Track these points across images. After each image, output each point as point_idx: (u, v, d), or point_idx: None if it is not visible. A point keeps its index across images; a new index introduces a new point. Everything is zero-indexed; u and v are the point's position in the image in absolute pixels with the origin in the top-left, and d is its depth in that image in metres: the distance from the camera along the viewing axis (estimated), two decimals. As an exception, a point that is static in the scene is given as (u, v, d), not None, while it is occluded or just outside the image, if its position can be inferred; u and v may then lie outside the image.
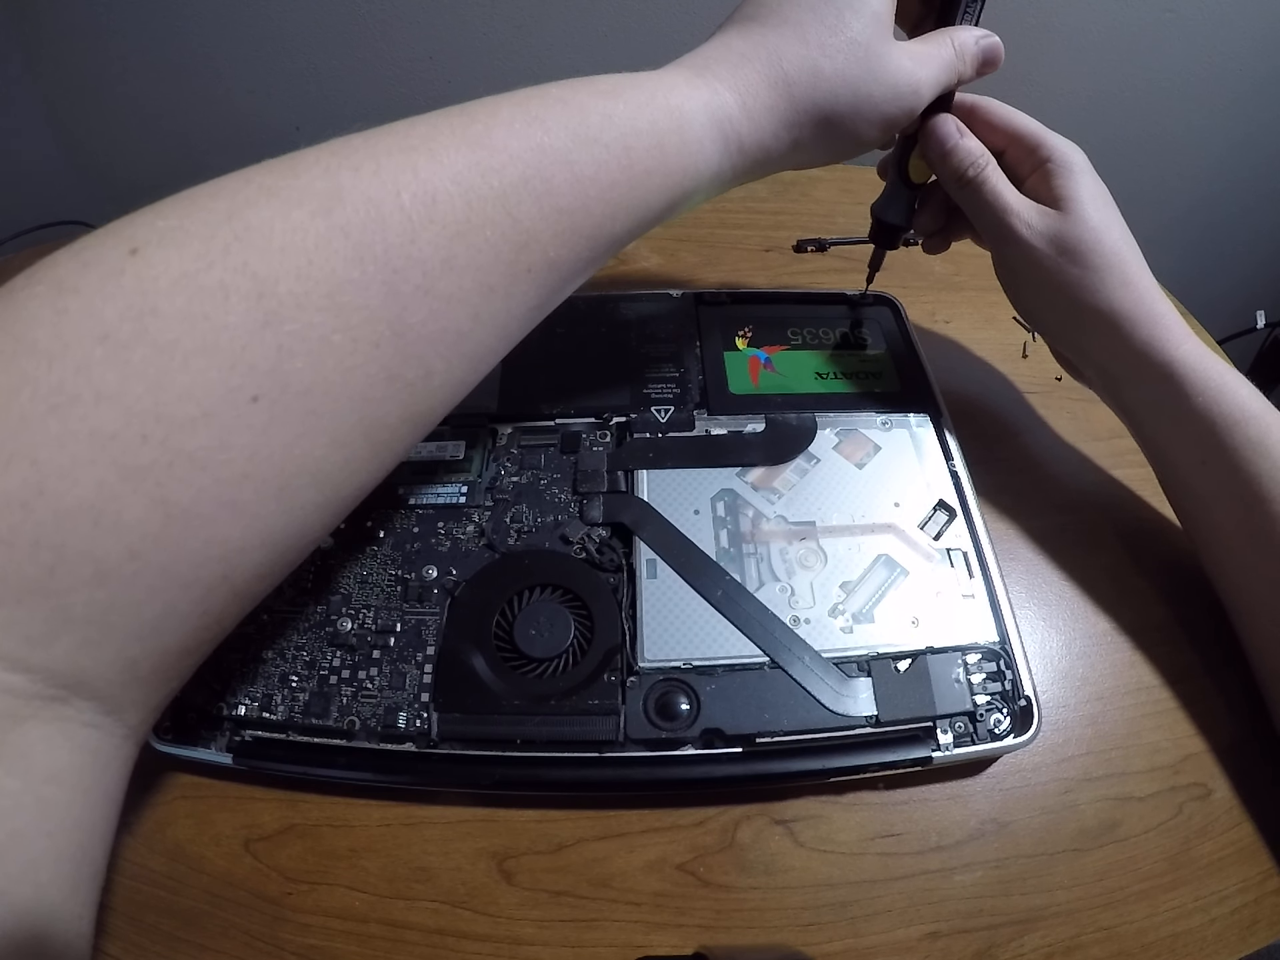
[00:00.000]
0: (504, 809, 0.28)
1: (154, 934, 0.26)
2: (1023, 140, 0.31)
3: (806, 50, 0.25)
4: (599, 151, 0.22)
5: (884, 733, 0.27)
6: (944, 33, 0.29)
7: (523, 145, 0.21)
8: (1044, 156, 0.31)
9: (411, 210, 0.19)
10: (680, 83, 0.24)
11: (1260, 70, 0.69)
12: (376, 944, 0.26)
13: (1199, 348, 0.29)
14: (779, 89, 0.25)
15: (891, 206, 0.34)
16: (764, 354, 0.38)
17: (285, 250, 0.17)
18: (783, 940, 0.26)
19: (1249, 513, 0.28)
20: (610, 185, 0.22)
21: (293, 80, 0.61)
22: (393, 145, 0.19)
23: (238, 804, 0.28)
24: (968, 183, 0.31)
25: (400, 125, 0.20)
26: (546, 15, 0.57)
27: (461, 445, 0.34)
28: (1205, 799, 0.29)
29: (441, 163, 0.19)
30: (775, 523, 0.32)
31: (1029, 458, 0.38)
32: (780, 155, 0.27)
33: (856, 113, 0.26)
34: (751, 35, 0.26)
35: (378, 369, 0.19)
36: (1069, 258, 0.29)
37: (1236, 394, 0.28)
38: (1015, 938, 0.26)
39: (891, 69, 0.26)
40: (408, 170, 0.19)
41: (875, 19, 0.26)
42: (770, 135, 0.26)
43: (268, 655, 0.29)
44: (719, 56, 0.25)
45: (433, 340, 0.20)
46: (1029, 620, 0.32)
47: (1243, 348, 0.89)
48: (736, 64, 0.25)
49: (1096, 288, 0.30)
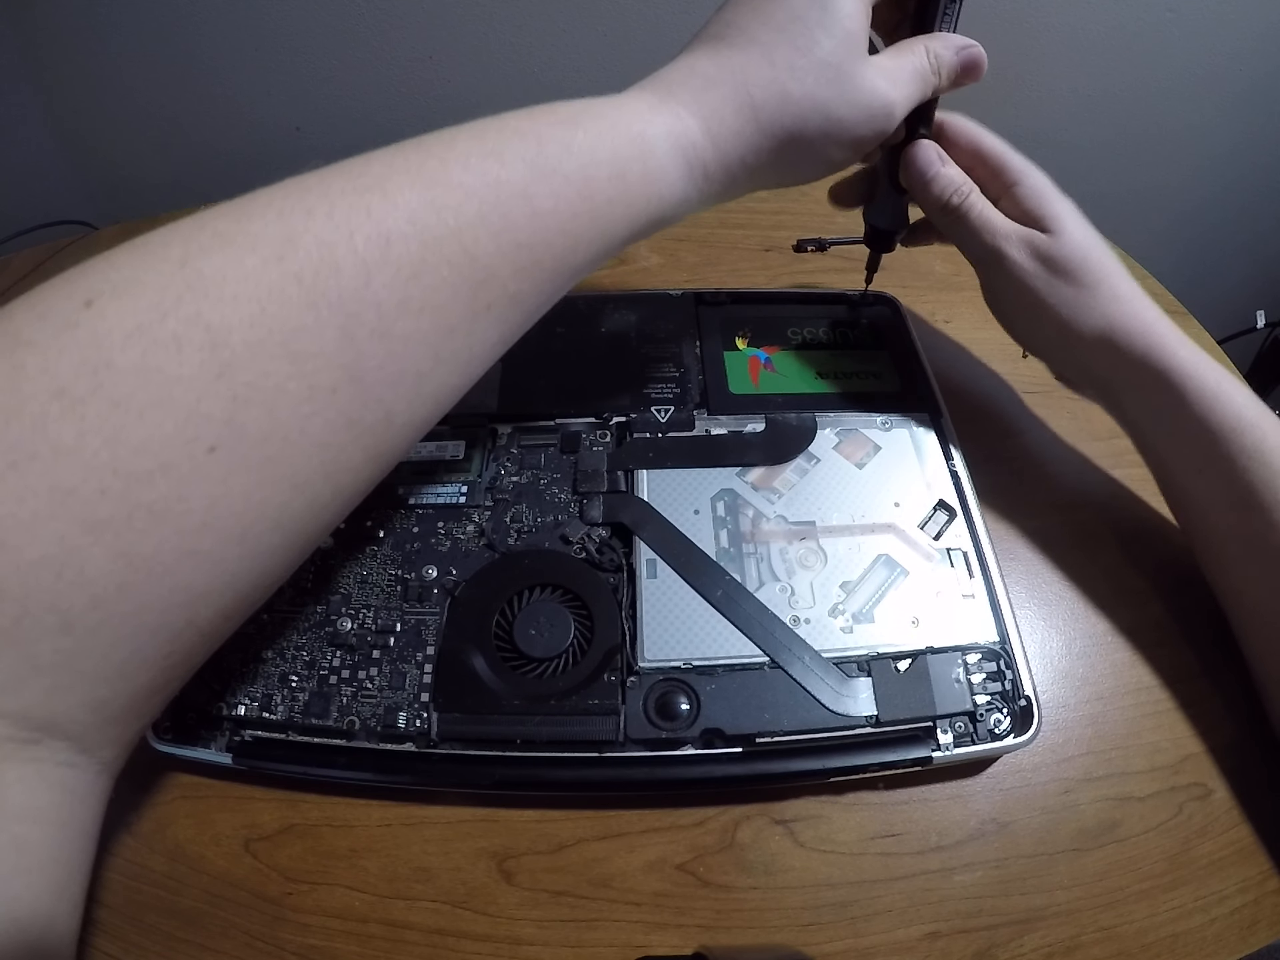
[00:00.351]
0: (504, 809, 0.28)
1: (154, 934, 0.26)
2: (988, 162, 0.31)
3: (774, 73, 0.24)
4: (558, 183, 0.21)
5: (884, 733, 0.27)
6: (918, 42, 0.27)
7: (478, 181, 0.20)
8: (1011, 180, 0.31)
9: (365, 253, 0.18)
10: (643, 109, 0.24)
11: (1260, 70, 0.69)
12: (376, 944, 0.26)
13: (1195, 353, 0.29)
14: (745, 114, 0.24)
15: (883, 212, 0.34)
16: (764, 354, 0.38)
17: (238, 299, 0.17)
18: (783, 940, 0.26)
19: (1245, 520, 0.28)
20: (571, 217, 0.22)
21: (293, 80, 0.61)
22: (346, 186, 0.19)
23: (238, 804, 0.28)
24: (951, 210, 0.31)
25: (356, 163, 0.20)
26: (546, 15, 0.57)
27: (461, 445, 0.34)
28: (1205, 799, 0.29)
29: (395, 203, 0.19)
30: (775, 523, 0.32)
31: (1029, 458, 0.38)
32: (746, 179, 0.26)
33: (826, 136, 0.25)
34: (718, 56, 0.25)
35: (336, 414, 0.19)
36: (1062, 277, 0.30)
37: (1233, 400, 0.28)
38: (1015, 938, 0.26)
39: (865, 90, 0.25)
40: (361, 211, 0.19)
41: (847, 37, 0.25)
42: (736, 161, 0.25)
43: (268, 655, 0.29)
44: (682, 80, 0.25)
45: (392, 383, 0.20)
46: (1029, 620, 0.32)
47: (1243, 348, 0.89)
48: (701, 88, 0.24)
49: (1090, 304, 0.30)
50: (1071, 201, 0.31)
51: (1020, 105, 0.68)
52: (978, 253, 0.31)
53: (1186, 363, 0.29)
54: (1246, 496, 0.28)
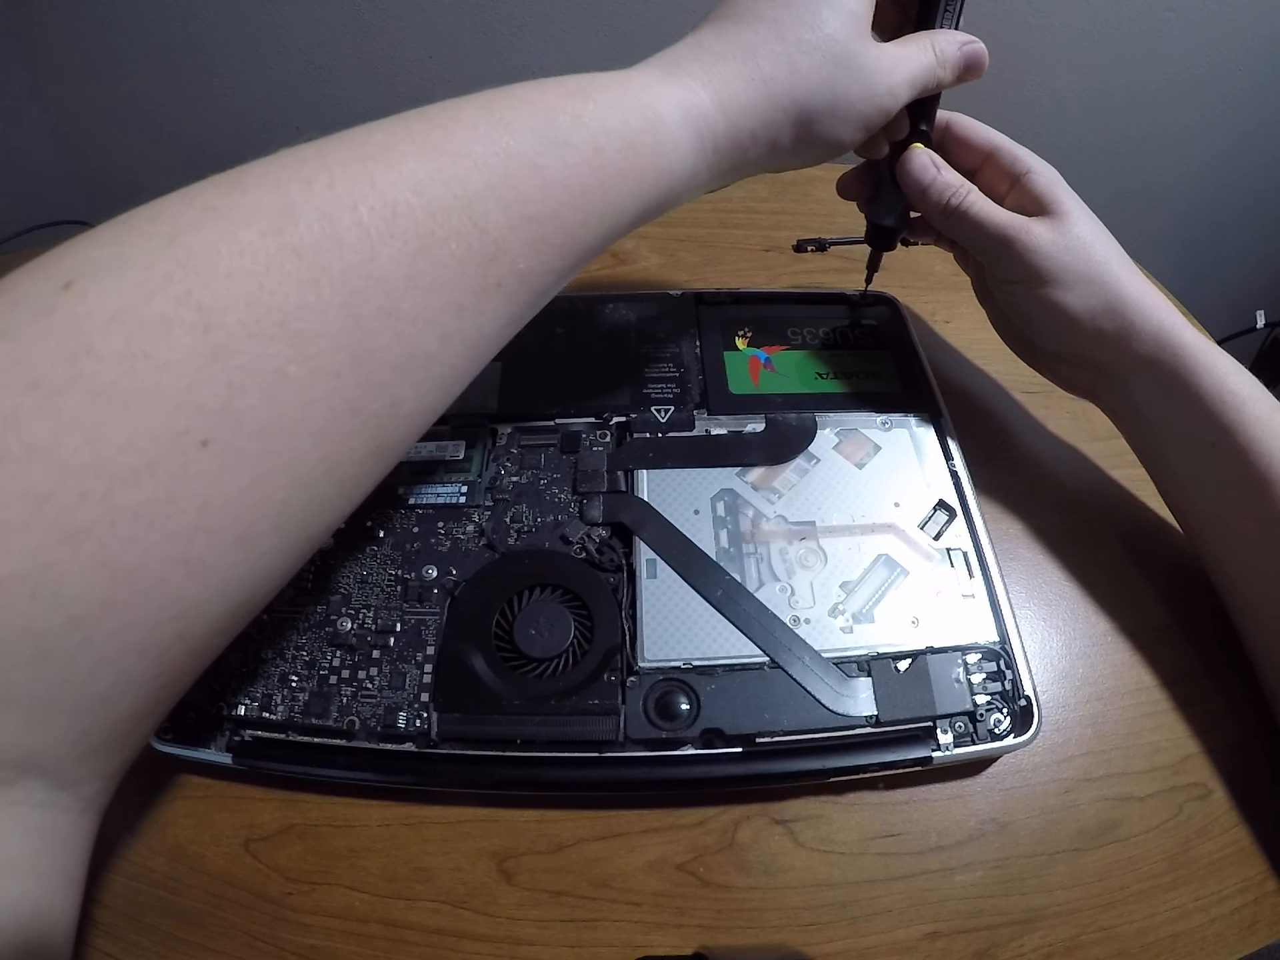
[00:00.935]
0: (504, 809, 0.28)
1: (154, 934, 0.26)
2: (999, 156, 0.32)
3: (783, 47, 0.24)
4: (568, 154, 0.21)
5: (884, 733, 0.27)
6: (924, 35, 0.28)
7: (487, 150, 0.19)
8: (1023, 169, 0.31)
9: (370, 225, 0.17)
10: (652, 81, 0.23)
11: (1260, 70, 0.69)
12: (376, 944, 0.26)
13: (1197, 335, 0.30)
14: (756, 86, 0.24)
15: (885, 209, 0.34)
16: (764, 354, 0.38)
17: (232, 275, 0.16)
18: (783, 940, 0.26)
19: (1260, 497, 0.28)
20: (581, 190, 0.21)
21: (293, 80, 0.61)
22: (347, 155, 0.18)
23: (238, 804, 0.28)
24: (951, 211, 0.31)
25: (356, 132, 0.19)
26: (546, 15, 0.57)
27: (461, 445, 0.34)
28: (1205, 799, 0.29)
29: (400, 172, 0.18)
30: (775, 523, 0.32)
31: (1029, 458, 0.38)
32: (756, 157, 0.26)
33: (833, 111, 0.26)
34: (725, 34, 0.25)
35: (340, 400, 0.17)
36: (1069, 258, 0.30)
37: (1240, 377, 0.29)
38: (1015, 938, 0.26)
39: (869, 68, 0.26)
40: (364, 181, 0.18)
41: (852, 17, 0.25)
42: (747, 135, 0.25)
43: (268, 655, 0.29)
44: (692, 55, 0.25)
45: (398, 366, 0.18)
46: (1029, 620, 0.32)
47: (1243, 348, 0.89)
48: (711, 62, 0.24)
49: (1098, 286, 0.30)
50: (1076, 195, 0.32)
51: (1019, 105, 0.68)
52: (982, 245, 0.31)
53: (1194, 343, 0.30)
54: (1260, 471, 0.28)
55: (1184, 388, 0.30)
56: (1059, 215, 0.30)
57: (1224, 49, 0.67)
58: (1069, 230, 0.30)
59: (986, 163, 0.32)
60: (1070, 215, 0.30)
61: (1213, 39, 0.66)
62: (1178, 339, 0.30)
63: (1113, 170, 0.73)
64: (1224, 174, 0.79)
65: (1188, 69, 0.68)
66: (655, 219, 0.25)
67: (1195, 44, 0.66)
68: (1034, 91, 0.68)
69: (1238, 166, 0.78)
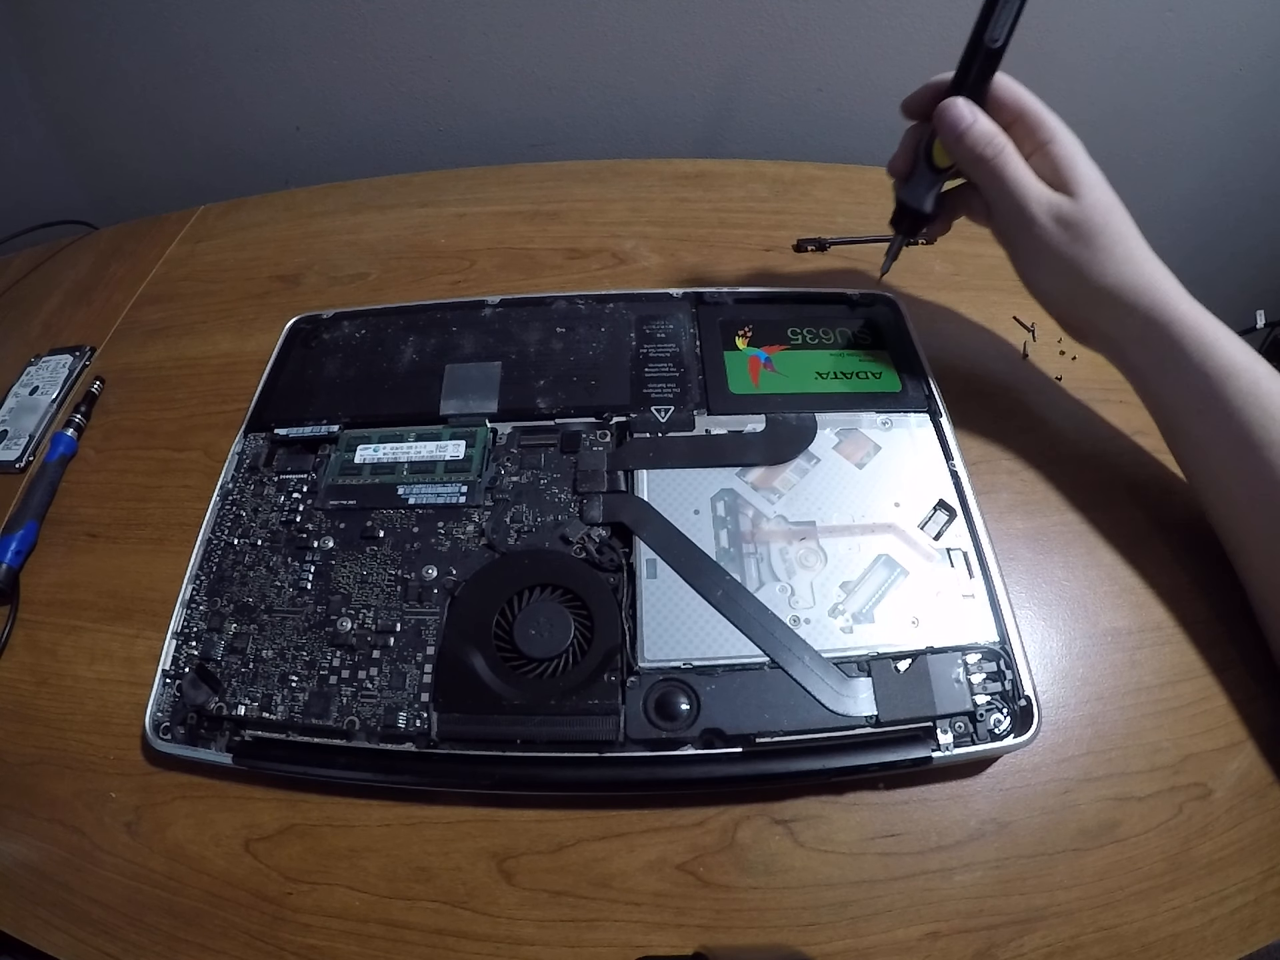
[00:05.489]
0: (504, 809, 0.28)
1: (154, 934, 0.26)
2: (1026, 118, 0.32)
3: None
4: None
5: (884, 733, 0.27)
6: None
7: None
8: (1045, 138, 0.32)
9: None
10: None
11: (1262, 70, 0.69)
12: (376, 944, 0.26)
13: (1194, 306, 0.31)
14: None
15: (917, 191, 0.35)
16: (764, 354, 0.38)
17: None
18: (783, 940, 0.26)
19: (1243, 459, 0.30)
20: None
21: (293, 80, 0.61)
22: None
23: (238, 804, 0.28)
24: (985, 163, 0.32)
25: None
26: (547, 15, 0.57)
27: (461, 445, 0.34)
28: (1205, 799, 0.29)
29: None
30: (775, 523, 0.32)
31: (1029, 457, 0.38)
32: None
33: None
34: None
35: None
36: (1081, 240, 0.31)
37: (1229, 348, 0.30)
38: (1015, 938, 0.26)
39: None
40: None
41: None
42: None
43: (268, 655, 0.29)
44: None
45: None
46: (1029, 620, 0.32)
47: (1243, 348, 0.88)
48: None
49: (1105, 264, 0.31)
50: (1096, 165, 0.32)
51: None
52: (1005, 207, 0.33)
53: (1188, 315, 0.31)
54: (1244, 435, 0.29)
55: (1174, 363, 0.31)
56: (1073, 195, 0.31)
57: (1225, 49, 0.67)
58: (1080, 214, 0.31)
59: (1015, 123, 0.33)
60: (1083, 197, 0.31)
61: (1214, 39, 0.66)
62: (1168, 315, 0.31)
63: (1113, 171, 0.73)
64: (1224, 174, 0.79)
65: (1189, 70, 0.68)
66: None
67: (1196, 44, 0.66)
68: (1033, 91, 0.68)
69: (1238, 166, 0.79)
